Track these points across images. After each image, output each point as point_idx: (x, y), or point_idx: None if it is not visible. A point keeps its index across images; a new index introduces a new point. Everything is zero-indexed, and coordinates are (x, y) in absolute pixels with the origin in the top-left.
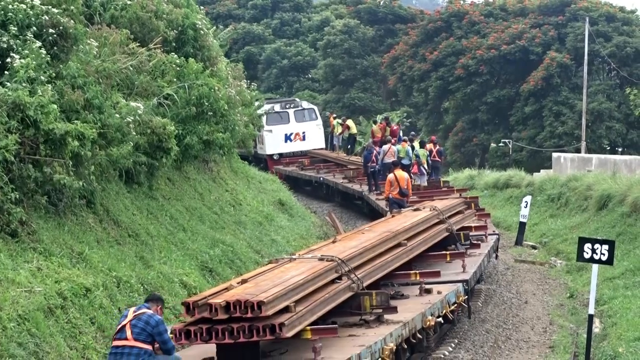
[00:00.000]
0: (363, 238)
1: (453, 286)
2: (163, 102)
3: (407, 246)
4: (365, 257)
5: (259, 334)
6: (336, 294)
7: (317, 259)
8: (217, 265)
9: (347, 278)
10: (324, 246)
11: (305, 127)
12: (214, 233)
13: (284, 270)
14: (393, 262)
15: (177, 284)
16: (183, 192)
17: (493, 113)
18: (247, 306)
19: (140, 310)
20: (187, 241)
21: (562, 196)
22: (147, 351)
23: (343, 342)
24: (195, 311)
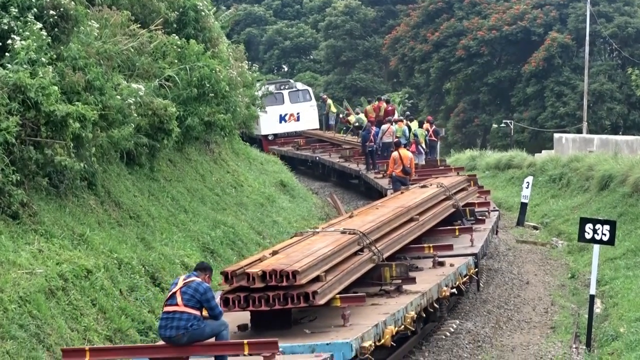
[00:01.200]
0: (378, 213)
1: (464, 259)
2: (164, 84)
3: (419, 221)
4: (382, 231)
5: (293, 302)
6: (360, 265)
7: (339, 232)
8: (218, 246)
9: (369, 250)
10: (343, 220)
11: (299, 108)
12: (215, 214)
13: (310, 242)
14: (407, 236)
15: (178, 266)
16: (184, 174)
17: (494, 94)
18: (282, 275)
19: (190, 278)
20: (188, 222)
21: (563, 177)
22: (196, 316)
23: (367, 310)
24: (234, 280)
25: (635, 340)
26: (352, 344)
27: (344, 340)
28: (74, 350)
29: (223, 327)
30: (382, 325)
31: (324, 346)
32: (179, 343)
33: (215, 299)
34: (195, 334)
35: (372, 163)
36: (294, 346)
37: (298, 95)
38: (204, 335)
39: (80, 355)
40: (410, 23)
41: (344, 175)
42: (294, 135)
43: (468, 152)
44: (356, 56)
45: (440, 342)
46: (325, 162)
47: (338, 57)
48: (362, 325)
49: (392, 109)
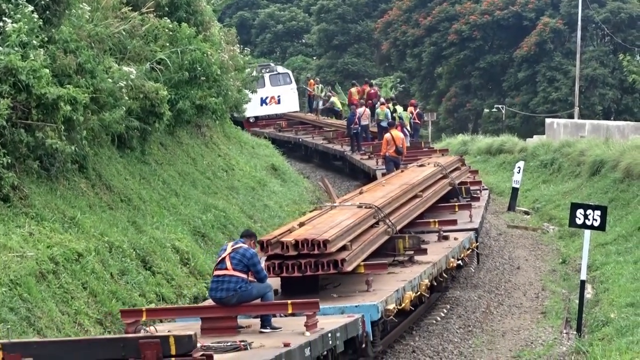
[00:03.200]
0: (386, 190)
1: (466, 234)
2: (156, 67)
3: (423, 197)
4: (393, 206)
5: (324, 268)
6: (377, 237)
7: (356, 207)
8: (209, 230)
9: (383, 223)
10: (355, 196)
11: (280, 90)
12: (206, 198)
13: (331, 215)
14: (414, 211)
15: (169, 249)
16: (176, 157)
17: (486, 78)
18: (314, 244)
19: (237, 245)
20: (179, 206)
21: (555, 162)
22: (243, 279)
23: (386, 278)
24: (269, 248)
25: (625, 326)
26: (379, 306)
27: (371, 302)
28: (131, 311)
29: (268, 289)
30: (402, 291)
31: (353, 308)
32: (229, 304)
33: (262, 263)
34: (244, 295)
35: (357, 145)
36: (325, 308)
37: (279, 79)
38: (251, 296)
39: (137, 315)
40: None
41: (327, 156)
42: (275, 118)
43: (460, 137)
44: (348, 40)
45: (431, 326)
46: (308, 143)
47: (330, 41)
48: (384, 290)
49: (374, 92)
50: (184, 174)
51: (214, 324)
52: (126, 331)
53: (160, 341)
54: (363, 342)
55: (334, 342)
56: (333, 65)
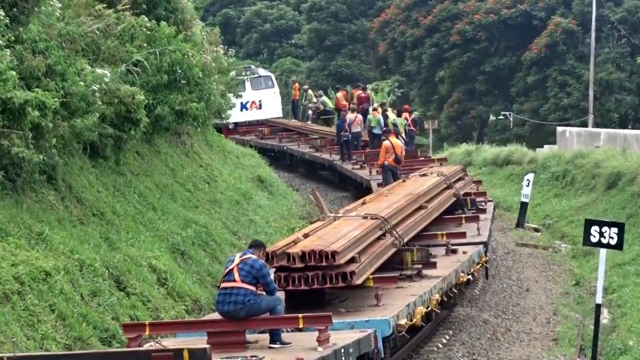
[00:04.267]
0: (390, 200)
1: (475, 247)
2: (132, 69)
3: (428, 208)
4: (399, 217)
5: (331, 281)
6: (385, 249)
7: (361, 217)
8: (189, 247)
9: (390, 235)
10: (358, 207)
11: (261, 95)
12: (186, 212)
13: (336, 226)
14: (420, 223)
15: (145, 268)
16: (153, 168)
17: (492, 83)
18: (321, 255)
19: (246, 255)
20: (157, 221)
21: (567, 174)
22: (252, 292)
23: (394, 292)
24: (274, 260)
25: None
26: (390, 321)
27: (382, 317)
28: (134, 324)
29: (278, 302)
30: (412, 306)
31: (363, 323)
32: (237, 317)
33: (271, 275)
34: (252, 308)
35: (348, 153)
36: (334, 323)
37: (260, 82)
38: (260, 309)
39: (140, 329)
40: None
41: (314, 166)
42: (256, 124)
43: (463, 147)
44: (342, 41)
45: (432, 354)
46: (294, 152)
47: (322, 41)
48: (394, 305)
49: (365, 96)
50: (162, 185)
51: (221, 339)
52: (128, 346)
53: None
54: (374, 358)
55: (347, 359)
56: (325, 68)
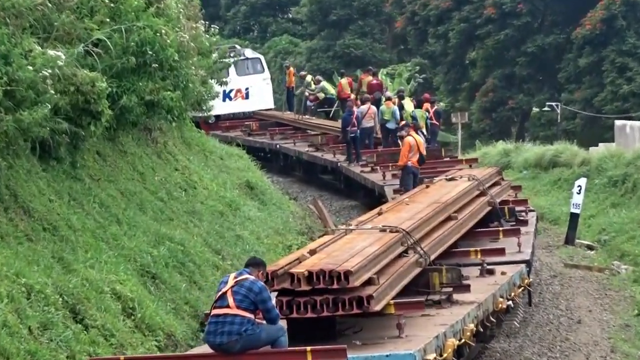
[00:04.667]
0: (412, 209)
1: (516, 267)
2: (92, 50)
3: (459, 220)
4: (423, 230)
5: (345, 308)
6: (408, 269)
7: (378, 230)
8: (162, 269)
9: (414, 252)
10: (373, 218)
11: (248, 82)
12: (158, 226)
13: (348, 241)
14: (449, 237)
15: (107, 295)
16: (117, 171)
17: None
18: (332, 276)
19: (242, 276)
20: (122, 237)
21: (627, 179)
22: (250, 320)
23: (419, 321)
24: (275, 282)
25: None
26: (416, 355)
27: (407, 351)
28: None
29: (281, 332)
30: (442, 337)
31: (383, 358)
32: (231, 351)
33: (272, 299)
34: (250, 340)
35: (356, 153)
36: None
37: (247, 66)
38: (260, 341)
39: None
40: None
41: (313, 168)
42: (242, 117)
43: (500, 145)
44: (350, 15)
45: None
46: (289, 151)
47: (326, 16)
48: (420, 336)
49: (377, 83)
50: (129, 193)
51: None
52: None
53: None
54: None
55: None
56: (329, 48)
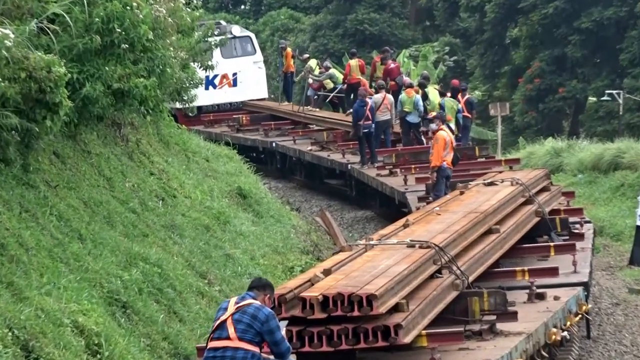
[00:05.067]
0: (445, 221)
1: (572, 291)
2: (47, 28)
3: (501, 233)
4: (459, 246)
5: (367, 339)
6: (442, 292)
7: (406, 245)
8: (134, 297)
9: (449, 271)
10: (398, 230)
11: (237, 65)
12: (130, 244)
13: (369, 258)
14: (490, 254)
15: (68, 329)
16: (80, 176)
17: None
18: (352, 301)
19: (245, 301)
20: (85, 257)
21: None
22: (254, 354)
23: (459, 355)
24: (283, 308)
25: None
26: None
27: None
28: None
29: None
30: None
31: None
32: None
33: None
34: None
35: (370, 152)
36: None
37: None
38: None
39: None
40: None
41: (317, 172)
42: (230, 109)
43: (549, 143)
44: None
45: None
46: (287, 151)
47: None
48: None
49: (396, 67)
50: (94, 203)
51: None
52: None
53: None
54: None
55: None
56: (339, 24)
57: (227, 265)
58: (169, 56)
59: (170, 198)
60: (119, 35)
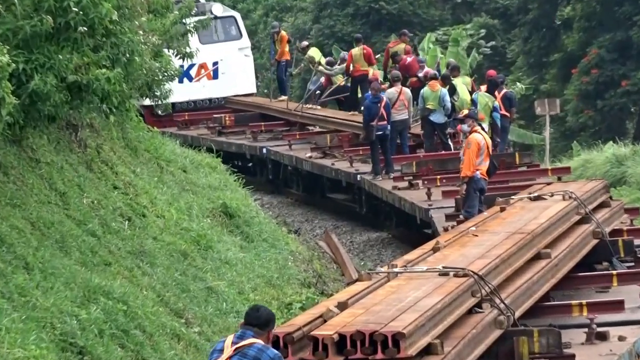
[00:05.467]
0: (485, 243)
1: None
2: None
3: (552, 259)
4: (502, 274)
5: None
6: (483, 331)
7: (437, 273)
8: (93, 340)
9: (490, 305)
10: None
11: (217, 53)
12: (88, 274)
13: (394, 289)
14: (540, 285)
15: None
16: (26, 191)
17: None
18: (374, 341)
19: (245, 341)
20: (33, 291)
21: None
22: None
23: None
24: (289, 350)
25: None
26: None
27: None
28: None
29: None
30: None
31: None
32: None
33: None
34: None
35: (385, 160)
36: None
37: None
38: None
39: None
40: None
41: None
42: (209, 107)
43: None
44: None
45: None
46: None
47: None
48: None
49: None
50: (44, 224)
51: None
52: None
53: None
54: None
55: None
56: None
57: (209, 300)
58: (137, 41)
59: (139, 217)
60: (76, 15)
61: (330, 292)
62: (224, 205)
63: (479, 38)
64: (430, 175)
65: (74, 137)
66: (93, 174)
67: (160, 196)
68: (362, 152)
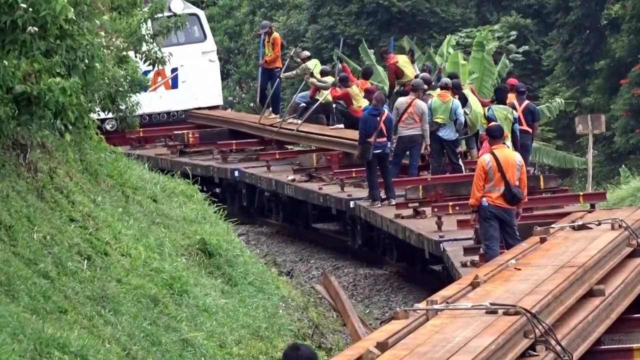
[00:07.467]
0: (531, 277)
1: None
2: None
3: (606, 296)
4: (556, 312)
5: None
6: None
7: (485, 311)
8: None
9: (545, 347)
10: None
11: (177, 58)
12: (40, 324)
13: (438, 328)
14: (595, 325)
15: None
16: None
17: None
18: None
19: None
20: None
21: None
22: None
23: None
24: None
25: None
26: None
27: None
28: None
29: None
30: None
31: None
32: None
33: None
34: None
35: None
36: None
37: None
38: None
39: None
40: None
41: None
42: (168, 121)
43: None
44: None
45: None
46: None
47: None
48: None
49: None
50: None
51: None
52: None
53: None
54: None
55: None
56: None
57: (184, 355)
58: (98, 45)
59: (100, 256)
60: (24, 13)
61: (329, 344)
62: (202, 241)
63: (509, 42)
64: (439, 202)
65: (22, 160)
66: (45, 203)
67: (126, 230)
68: (354, 174)
